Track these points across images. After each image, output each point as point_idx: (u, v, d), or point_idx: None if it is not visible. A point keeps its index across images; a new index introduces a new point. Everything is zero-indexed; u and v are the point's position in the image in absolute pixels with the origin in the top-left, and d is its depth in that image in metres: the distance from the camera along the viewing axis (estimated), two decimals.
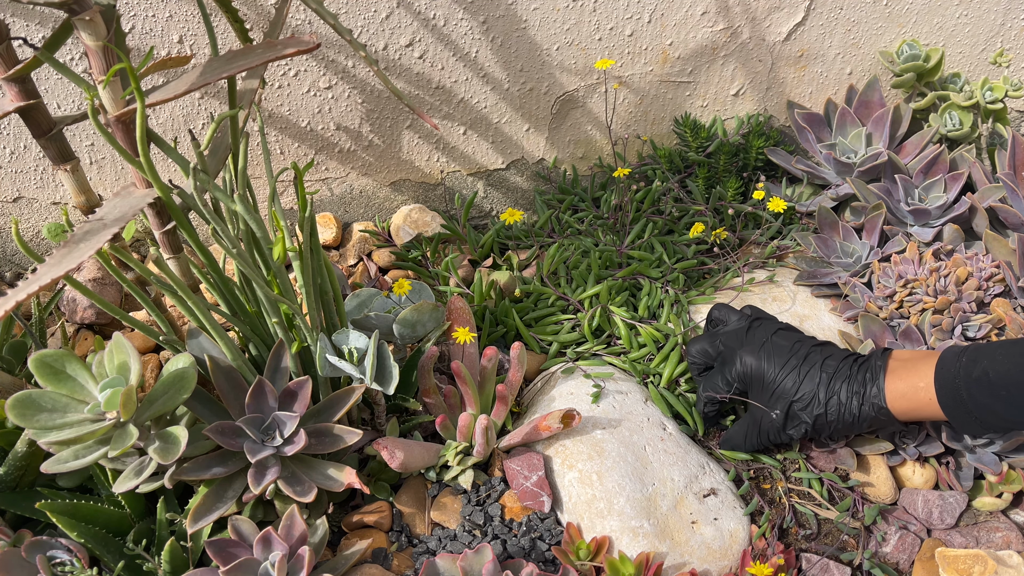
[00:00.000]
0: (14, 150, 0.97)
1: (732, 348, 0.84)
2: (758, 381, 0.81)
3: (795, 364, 0.80)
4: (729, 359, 0.84)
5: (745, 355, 0.82)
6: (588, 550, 0.78)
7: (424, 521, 0.83)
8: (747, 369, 0.82)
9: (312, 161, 0.77)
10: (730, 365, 0.83)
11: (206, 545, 0.70)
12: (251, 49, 0.71)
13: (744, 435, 0.86)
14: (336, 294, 0.82)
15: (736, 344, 0.84)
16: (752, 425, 0.84)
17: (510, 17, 1.04)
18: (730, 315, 0.90)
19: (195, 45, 0.95)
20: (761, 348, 0.81)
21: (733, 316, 0.89)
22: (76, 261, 0.62)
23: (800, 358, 0.80)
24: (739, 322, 0.87)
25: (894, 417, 0.78)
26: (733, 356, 0.83)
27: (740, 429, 0.87)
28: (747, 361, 0.82)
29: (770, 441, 0.85)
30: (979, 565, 0.81)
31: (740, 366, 0.82)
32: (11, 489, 0.77)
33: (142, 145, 0.65)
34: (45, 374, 0.70)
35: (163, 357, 0.95)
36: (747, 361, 0.82)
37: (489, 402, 0.90)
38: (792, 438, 0.83)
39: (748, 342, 0.83)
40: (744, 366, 0.82)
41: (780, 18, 1.16)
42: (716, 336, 0.87)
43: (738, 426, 0.87)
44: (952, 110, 1.20)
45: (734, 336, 0.85)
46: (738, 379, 0.83)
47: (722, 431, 0.92)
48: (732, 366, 0.83)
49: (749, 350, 0.82)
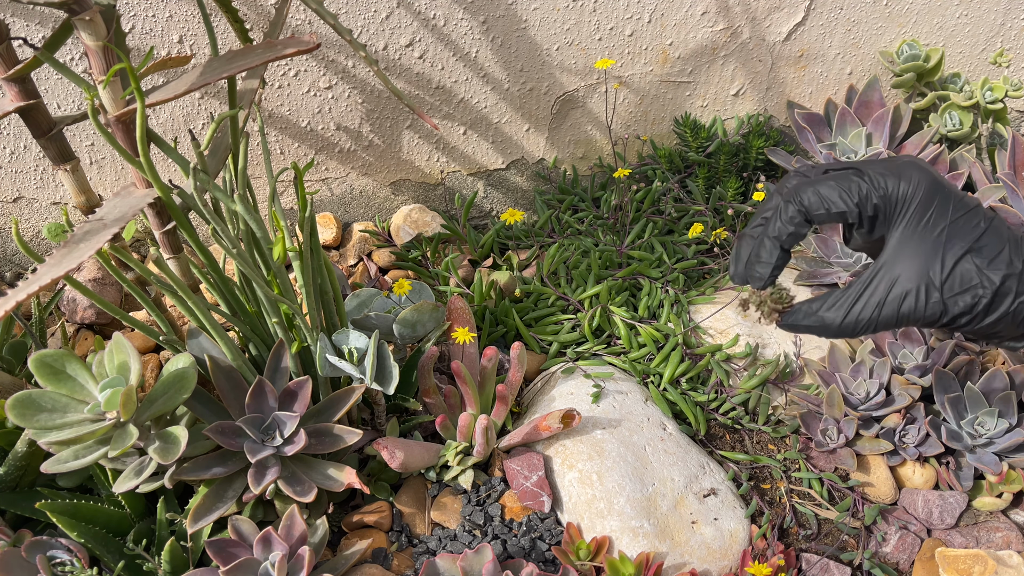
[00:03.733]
0: (14, 150, 0.97)
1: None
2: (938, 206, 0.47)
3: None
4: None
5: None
6: (588, 550, 0.78)
7: (424, 521, 0.83)
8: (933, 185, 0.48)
9: (312, 161, 0.77)
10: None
11: (206, 545, 0.70)
12: (251, 49, 0.71)
13: (878, 302, 0.49)
14: (336, 294, 0.82)
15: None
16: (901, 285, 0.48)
17: (510, 17, 1.04)
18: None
19: (195, 45, 0.95)
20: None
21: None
22: (76, 261, 0.62)
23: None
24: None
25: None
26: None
27: (872, 293, 0.49)
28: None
29: (925, 312, 0.48)
30: (979, 565, 0.81)
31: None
32: (11, 489, 0.77)
33: (142, 145, 0.65)
34: (45, 374, 0.70)
35: (163, 357, 0.95)
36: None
37: (489, 402, 0.90)
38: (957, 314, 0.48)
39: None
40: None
41: (780, 18, 1.16)
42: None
43: (864, 290, 0.50)
44: (952, 110, 1.20)
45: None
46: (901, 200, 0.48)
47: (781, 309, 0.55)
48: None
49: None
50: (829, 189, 0.47)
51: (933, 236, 0.46)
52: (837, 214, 0.48)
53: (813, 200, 0.48)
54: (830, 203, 0.48)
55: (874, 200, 0.47)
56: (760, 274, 0.51)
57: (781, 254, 0.50)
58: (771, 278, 0.50)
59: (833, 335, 0.49)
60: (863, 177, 0.48)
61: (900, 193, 0.47)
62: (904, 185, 0.47)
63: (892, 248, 0.47)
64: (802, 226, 0.49)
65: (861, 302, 0.48)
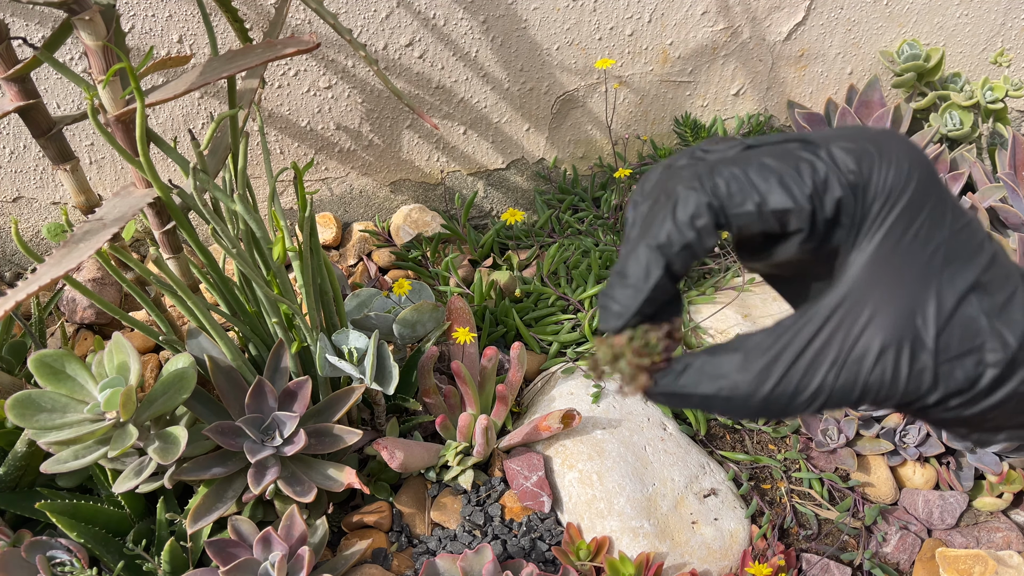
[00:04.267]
0: (14, 150, 0.97)
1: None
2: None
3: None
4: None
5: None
6: (588, 550, 0.78)
7: (424, 521, 0.83)
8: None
9: (312, 161, 0.77)
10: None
11: (206, 545, 0.70)
12: (251, 49, 0.71)
13: (833, 361, 0.27)
14: (336, 294, 0.82)
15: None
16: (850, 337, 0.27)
17: (510, 17, 1.04)
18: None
19: (195, 45, 0.95)
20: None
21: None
22: (76, 261, 0.62)
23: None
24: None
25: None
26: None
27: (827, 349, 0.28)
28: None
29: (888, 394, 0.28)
30: (979, 565, 0.80)
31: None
32: (11, 489, 0.76)
33: (142, 145, 0.65)
34: (45, 374, 0.70)
35: (163, 357, 0.95)
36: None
37: (489, 402, 0.90)
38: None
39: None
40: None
41: (780, 18, 1.16)
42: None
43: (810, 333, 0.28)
44: (952, 110, 1.20)
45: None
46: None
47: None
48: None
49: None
50: (763, 170, 0.27)
51: (925, 256, 0.27)
52: (774, 213, 0.27)
53: (734, 188, 0.27)
54: (764, 193, 0.27)
55: (836, 192, 0.27)
56: (619, 305, 0.28)
57: (663, 278, 0.28)
58: (636, 316, 0.28)
59: (747, 415, 0.28)
60: (818, 153, 0.27)
61: (880, 182, 0.27)
62: (886, 170, 0.27)
63: (860, 271, 0.27)
64: (709, 233, 0.27)
65: (804, 361, 0.27)
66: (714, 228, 0.27)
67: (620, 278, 0.28)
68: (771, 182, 0.27)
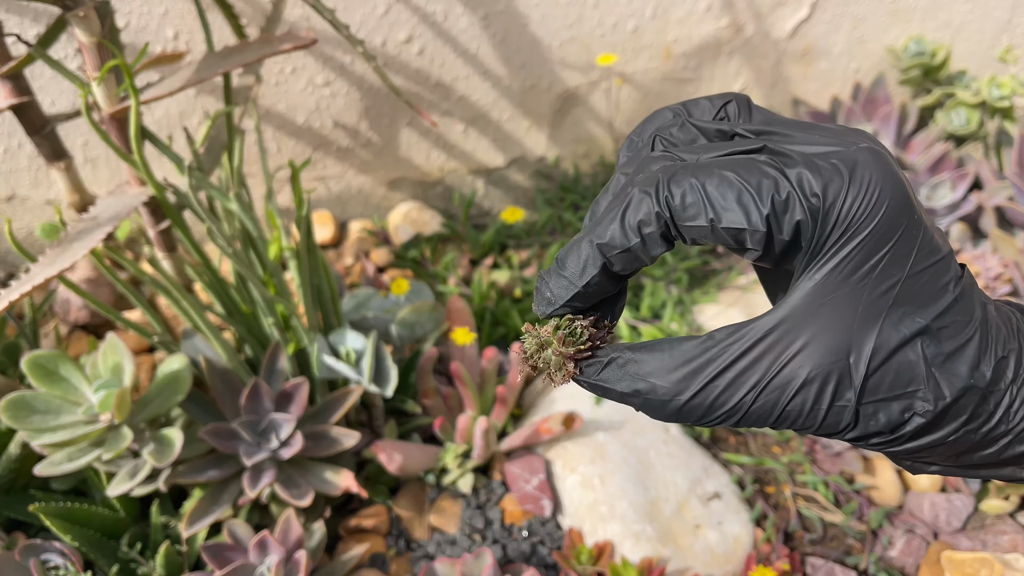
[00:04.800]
0: (7, 148, 0.96)
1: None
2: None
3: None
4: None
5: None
6: (590, 555, 0.77)
7: (423, 525, 0.82)
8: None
9: (309, 159, 0.76)
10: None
11: (201, 549, 0.69)
12: (247, 45, 0.70)
13: (755, 384, 0.27)
14: (333, 294, 0.81)
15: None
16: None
17: (511, 12, 1.03)
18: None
19: (190, 41, 0.94)
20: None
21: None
22: (70, 261, 0.61)
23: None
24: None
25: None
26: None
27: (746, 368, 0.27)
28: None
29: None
30: (986, 568, 0.79)
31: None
32: (4, 492, 0.76)
33: (136, 142, 0.64)
34: (38, 375, 0.69)
35: (157, 358, 0.94)
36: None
37: (489, 404, 0.89)
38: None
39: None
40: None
41: (785, 13, 1.15)
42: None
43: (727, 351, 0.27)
44: (959, 107, 1.19)
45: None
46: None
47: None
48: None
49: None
50: (722, 184, 0.25)
51: (875, 294, 0.26)
52: (728, 231, 0.26)
53: (690, 199, 0.26)
54: (719, 209, 0.25)
55: (797, 216, 0.25)
56: (552, 294, 0.28)
57: (600, 277, 0.27)
58: (566, 307, 0.28)
59: (663, 417, 0.27)
60: (784, 171, 0.25)
61: (844, 210, 0.25)
62: (853, 196, 0.25)
63: (803, 298, 0.26)
64: (655, 243, 0.26)
65: (725, 378, 0.26)
66: (661, 238, 0.26)
67: (558, 267, 0.28)
68: (728, 199, 0.25)
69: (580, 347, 0.28)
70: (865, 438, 0.27)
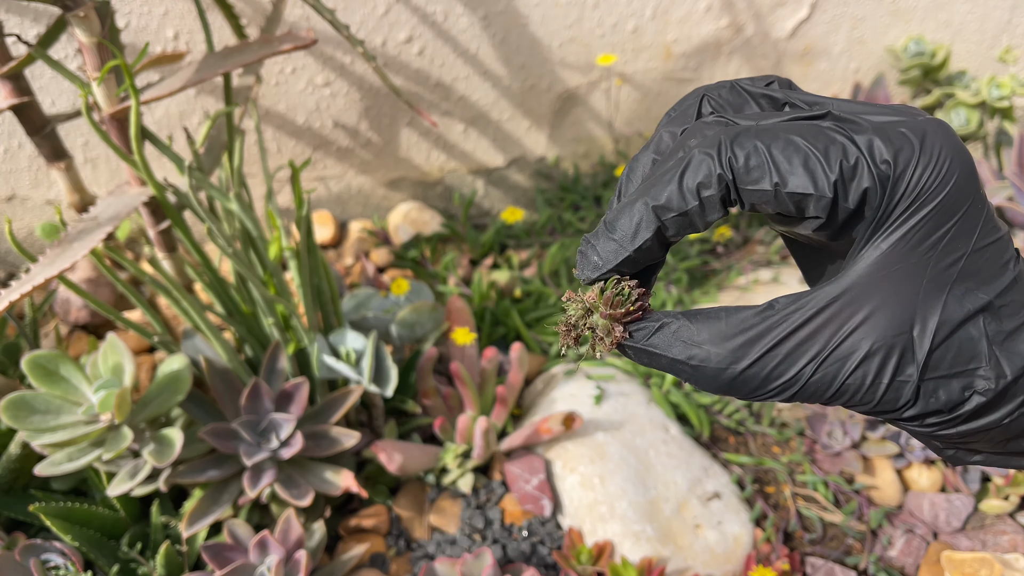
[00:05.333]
0: (7, 148, 0.96)
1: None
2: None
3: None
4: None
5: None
6: (590, 555, 0.77)
7: (423, 525, 0.82)
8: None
9: (309, 159, 0.76)
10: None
11: (202, 549, 0.69)
12: (247, 45, 0.70)
13: (816, 355, 0.26)
14: (333, 294, 0.81)
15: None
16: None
17: (511, 12, 1.03)
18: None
19: (190, 41, 0.94)
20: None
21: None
22: (70, 261, 0.61)
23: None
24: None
25: None
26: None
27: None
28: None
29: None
30: (985, 568, 0.79)
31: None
32: (5, 492, 0.76)
33: (136, 142, 0.64)
34: (39, 375, 0.69)
35: (158, 358, 0.94)
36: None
37: (489, 404, 0.89)
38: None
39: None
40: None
41: (785, 14, 1.15)
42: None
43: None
44: (959, 107, 1.19)
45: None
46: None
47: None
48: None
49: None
50: (788, 148, 0.24)
51: (941, 267, 0.25)
52: (792, 196, 0.25)
53: (754, 163, 0.24)
54: (785, 173, 0.24)
55: (864, 183, 0.24)
56: (599, 257, 0.27)
57: (652, 241, 0.26)
58: (612, 271, 0.27)
59: (712, 389, 0.26)
60: (851, 135, 0.25)
61: (914, 179, 0.24)
62: (926, 164, 0.24)
63: (867, 268, 0.25)
64: (713, 207, 0.25)
65: (787, 345, 0.25)
66: (720, 202, 0.25)
67: (607, 229, 0.26)
68: (794, 163, 0.24)
69: (630, 307, 0.26)
70: (922, 417, 0.26)
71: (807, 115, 0.26)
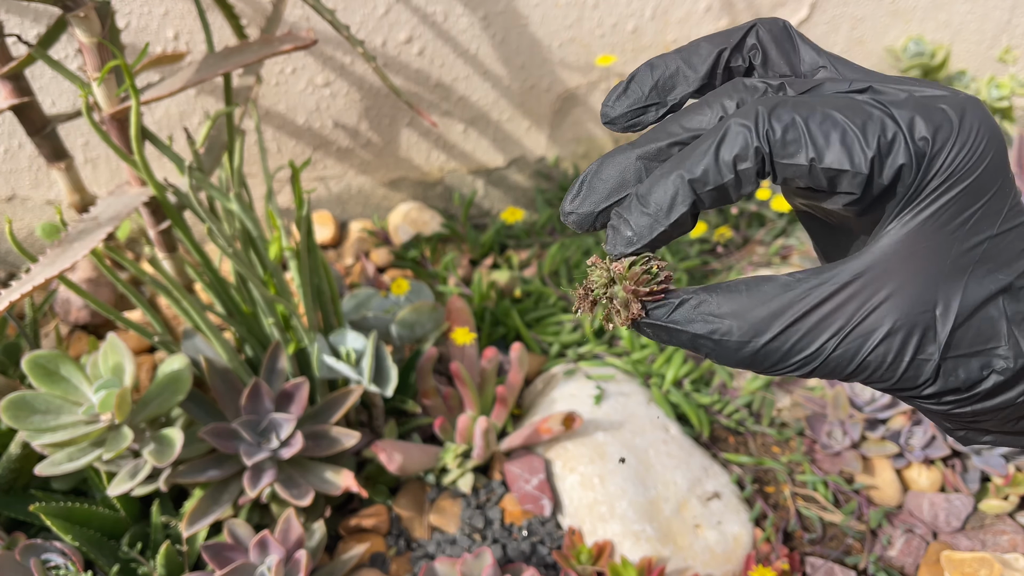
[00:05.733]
0: (8, 148, 0.96)
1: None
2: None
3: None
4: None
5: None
6: (590, 554, 0.77)
7: (423, 525, 0.82)
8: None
9: (309, 159, 0.76)
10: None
11: (202, 549, 0.69)
12: (247, 46, 0.70)
13: (838, 330, 0.26)
14: (333, 294, 0.81)
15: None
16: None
17: (510, 13, 1.03)
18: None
19: (191, 42, 0.94)
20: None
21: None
22: (70, 261, 0.61)
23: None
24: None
25: None
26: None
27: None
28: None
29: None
30: (985, 568, 0.79)
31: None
32: (5, 492, 0.76)
33: (137, 143, 0.64)
34: (39, 375, 0.69)
35: (158, 358, 0.94)
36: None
37: (489, 404, 0.89)
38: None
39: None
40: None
41: (784, 14, 1.15)
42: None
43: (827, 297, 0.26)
44: None
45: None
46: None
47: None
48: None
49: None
50: (825, 122, 0.24)
51: (966, 247, 0.25)
52: (826, 172, 0.24)
53: (791, 136, 0.24)
54: (821, 148, 0.24)
55: (900, 160, 0.24)
56: (633, 231, 0.26)
57: (686, 215, 0.25)
58: (647, 246, 0.26)
59: (733, 363, 0.26)
60: (891, 112, 0.24)
61: (951, 156, 0.24)
62: (963, 142, 0.24)
63: (892, 246, 0.25)
64: (749, 179, 0.25)
65: (810, 319, 0.25)
66: (756, 175, 0.25)
67: (641, 202, 0.26)
68: (832, 137, 0.24)
69: (654, 287, 0.26)
70: (940, 395, 0.26)
71: (848, 89, 0.26)
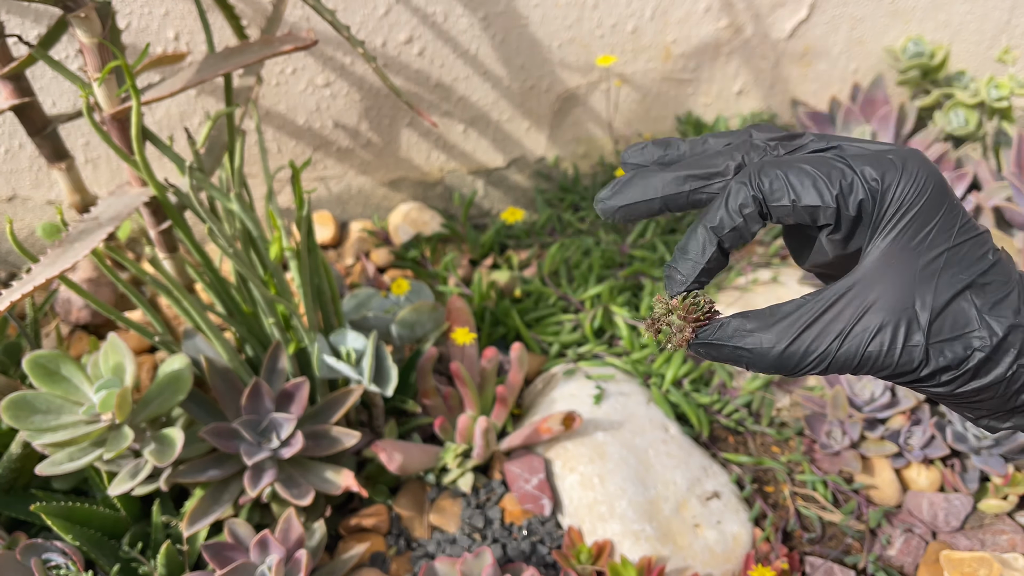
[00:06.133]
0: (8, 148, 0.97)
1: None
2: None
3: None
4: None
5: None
6: (589, 554, 0.77)
7: (423, 524, 0.82)
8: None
9: (309, 159, 0.76)
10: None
11: (202, 548, 0.69)
12: (248, 46, 0.70)
13: (840, 332, 0.34)
14: (334, 294, 0.81)
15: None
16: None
17: (510, 13, 1.03)
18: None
19: (191, 42, 0.94)
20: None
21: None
22: (71, 261, 0.61)
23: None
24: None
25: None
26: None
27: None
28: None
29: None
30: (984, 568, 0.80)
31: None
32: (5, 491, 0.76)
33: (137, 143, 0.64)
34: (40, 375, 0.69)
35: (158, 358, 0.94)
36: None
37: (489, 404, 0.89)
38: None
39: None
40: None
41: (784, 14, 1.15)
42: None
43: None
44: (958, 108, 1.19)
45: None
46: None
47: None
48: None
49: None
50: (800, 173, 0.34)
51: (928, 258, 0.33)
52: (806, 209, 0.34)
53: (776, 185, 0.34)
54: (799, 192, 0.33)
55: (860, 195, 0.33)
56: (681, 275, 0.35)
57: (716, 253, 0.35)
58: (695, 283, 0.35)
59: (766, 368, 0.34)
60: (848, 162, 0.34)
61: (898, 192, 0.33)
62: (905, 182, 0.33)
63: (872, 263, 0.34)
64: (754, 220, 0.34)
65: (816, 327, 0.33)
66: (758, 216, 0.34)
67: (682, 253, 0.36)
68: (806, 184, 0.34)
69: (701, 316, 0.35)
70: (937, 375, 0.33)
71: (817, 149, 0.36)
